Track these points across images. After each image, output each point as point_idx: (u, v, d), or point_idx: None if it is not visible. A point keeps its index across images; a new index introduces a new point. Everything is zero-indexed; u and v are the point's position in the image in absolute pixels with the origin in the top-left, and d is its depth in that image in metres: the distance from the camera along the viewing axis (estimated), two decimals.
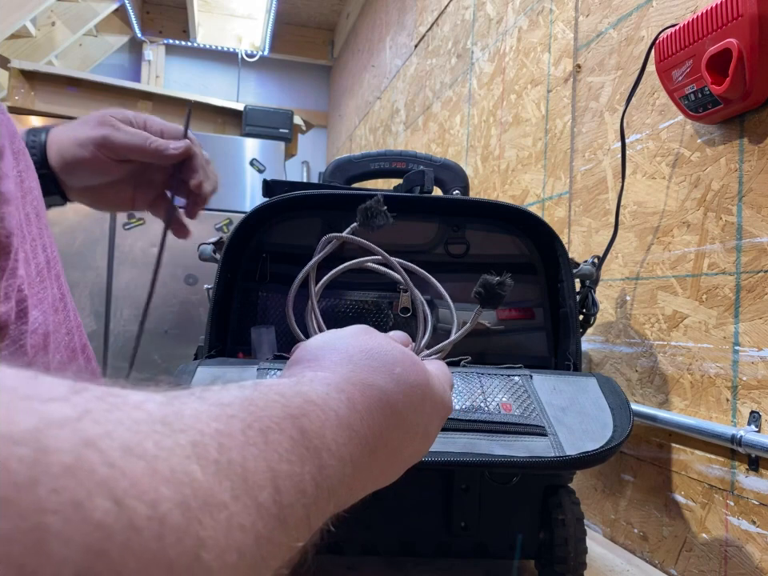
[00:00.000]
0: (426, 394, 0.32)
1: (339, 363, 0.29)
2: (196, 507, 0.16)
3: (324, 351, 0.30)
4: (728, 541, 0.65)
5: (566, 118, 1.01)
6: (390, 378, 0.30)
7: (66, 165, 0.55)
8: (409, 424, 0.30)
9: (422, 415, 0.31)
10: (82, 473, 0.14)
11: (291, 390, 0.24)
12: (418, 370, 0.32)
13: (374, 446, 0.27)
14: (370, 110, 2.56)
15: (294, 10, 3.40)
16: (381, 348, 0.31)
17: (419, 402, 0.31)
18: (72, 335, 0.47)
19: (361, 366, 0.29)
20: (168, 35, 3.48)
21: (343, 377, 0.28)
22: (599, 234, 0.90)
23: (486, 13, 1.37)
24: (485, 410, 0.53)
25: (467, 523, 0.61)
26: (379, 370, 0.30)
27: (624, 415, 0.55)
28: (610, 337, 0.87)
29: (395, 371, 0.30)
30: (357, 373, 0.29)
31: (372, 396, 0.28)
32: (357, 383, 0.28)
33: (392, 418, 0.29)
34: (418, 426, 0.31)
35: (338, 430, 0.25)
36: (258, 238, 0.70)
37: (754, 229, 0.64)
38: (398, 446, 0.30)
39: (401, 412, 0.29)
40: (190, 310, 2.09)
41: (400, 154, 0.88)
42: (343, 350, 0.30)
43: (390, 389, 0.29)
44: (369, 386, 0.28)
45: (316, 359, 0.29)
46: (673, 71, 0.69)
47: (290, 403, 0.23)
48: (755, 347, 0.63)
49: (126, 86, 2.37)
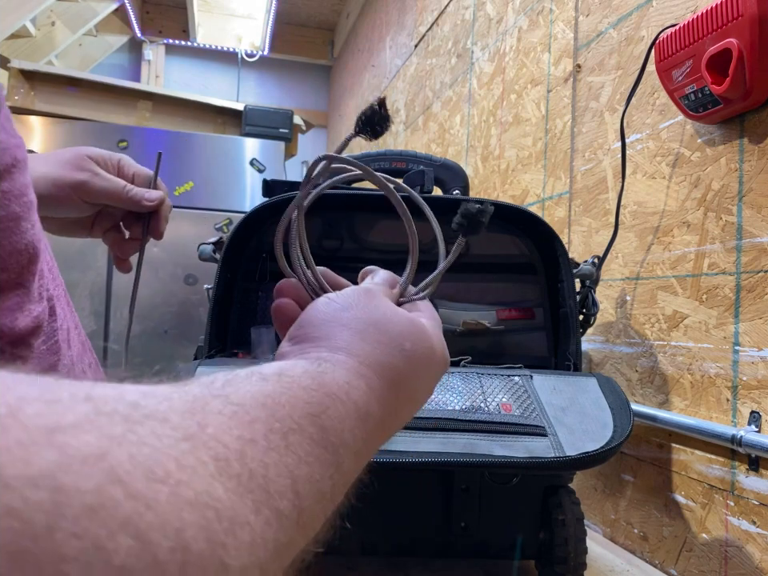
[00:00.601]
0: (431, 361, 0.33)
1: (351, 342, 0.29)
2: (220, 530, 0.16)
3: (332, 327, 0.30)
4: (728, 541, 0.65)
5: (566, 118, 1.00)
6: (401, 356, 0.30)
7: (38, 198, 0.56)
8: (417, 394, 0.32)
9: (427, 380, 0.33)
10: (104, 512, 0.13)
11: (314, 382, 0.24)
12: (424, 339, 0.32)
13: (387, 424, 0.28)
14: None
15: (293, 10, 3.40)
16: (387, 319, 0.31)
17: (425, 370, 0.32)
18: (79, 329, 0.48)
19: (373, 343, 0.29)
20: (168, 35, 3.48)
21: (359, 359, 0.28)
22: (599, 234, 0.90)
23: (486, 13, 1.37)
24: (485, 410, 0.53)
25: (467, 523, 0.61)
26: (390, 346, 0.30)
27: (624, 415, 0.55)
28: (609, 337, 0.86)
29: (406, 347, 0.30)
30: (371, 354, 0.29)
31: (387, 377, 0.28)
32: (372, 364, 0.28)
33: (404, 394, 0.30)
34: (425, 393, 0.33)
35: (357, 422, 0.25)
36: (257, 238, 0.70)
37: (754, 229, 0.64)
38: (407, 416, 0.32)
39: (412, 387, 0.30)
40: (189, 310, 2.09)
41: (400, 153, 0.88)
42: (352, 325, 0.30)
43: (402, 367, 0.30)
44: (384, 366, 0.29)
45: (327, 337, 0.29)
46: (673, 71, 0.69)
47: (312, 399, 0.23)
48: (755, 347, 0.63)
49: (125, 85, 2.37)
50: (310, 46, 3.64)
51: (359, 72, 2.88)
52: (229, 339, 0.68)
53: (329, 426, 0.23)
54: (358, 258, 0.71)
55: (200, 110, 2.45)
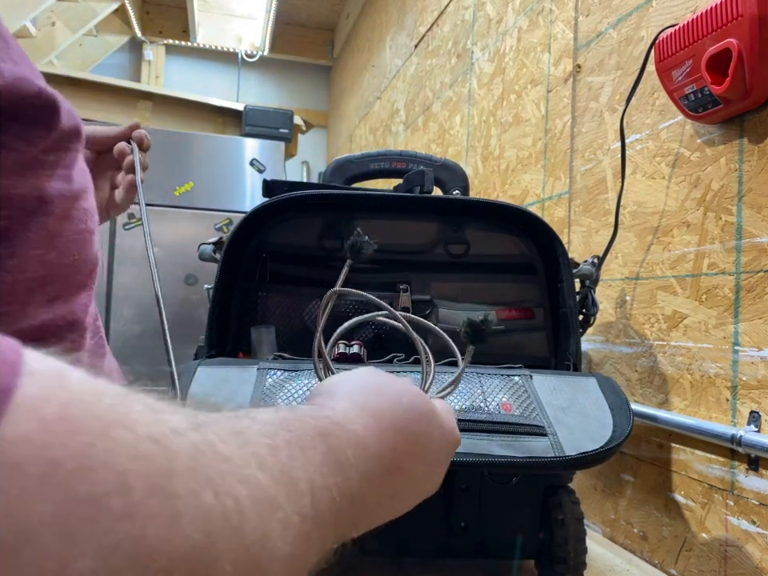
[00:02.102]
0: (432, 422, 0.35)
1: (352, 394, 0.32)
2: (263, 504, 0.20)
3: (338, 386, 0.34)
4: (728, 541, 0.65)
5: (566, 118, 1.01)
6: (398, 407, 0.33)
7: None
8: (419, 448, 0.33)
9: (430, 440, 0.34)
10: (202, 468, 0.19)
11: (319, 413, 0.28)
12: (423, 401, 0.35)
13: (387, 465, 0.30)
14: (370, 110, 2.56)
15: (293, 10, 3.40)
16: (388, 383, 0.35)
17: (427, 427, 0.34)
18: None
19: (372, 396, 0.32)
20: (168, 35, 3.48)
21: (358, 404, 0.31)
22: (599, 234, 0.90)
23: (486, 13, 1.37)
24: (485, 409, 0.53)
25: (467, 523, 0.61)
26: (389, 400, 0.33)
27: (624, 415, 0.55)
28: (609, 337, 0.87)
29: (403, 401, 0.33)
30: (369, 402, 0.32)
31: (384, 420, 0.31)
32: (369, 410, 0.31)
33: (402, 441, 0.31)
34: (429, 452, 0.34)
35: (357, 448, 0.28)
36: (258, 238, 0.70)
37: (754, 229, 0.64)
38: (410, 468, 0.32)
39: (410, 436, 0.32)
40: (189, 310, 2.09)
41: (400, 154, 0.88)
42: (356, 384, 0.34)
43: (399, 415, 0.32)
44: (380, 411, 0.31)
45: (331, 393, 0.33)
46: (673, 71, 0.69)
47: (320, 424, 0.27)
48: (755, 347, 0.63)
49: (125, 86, 2.37)
50: (309, 46, 3.64)
51: (359, 72, 2.88)
52: (229, 339, 0.69)
53: (335, 446, 0.26)
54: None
55: (200, 110, 2.45)
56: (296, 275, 0.70)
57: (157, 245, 2.06)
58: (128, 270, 2.05)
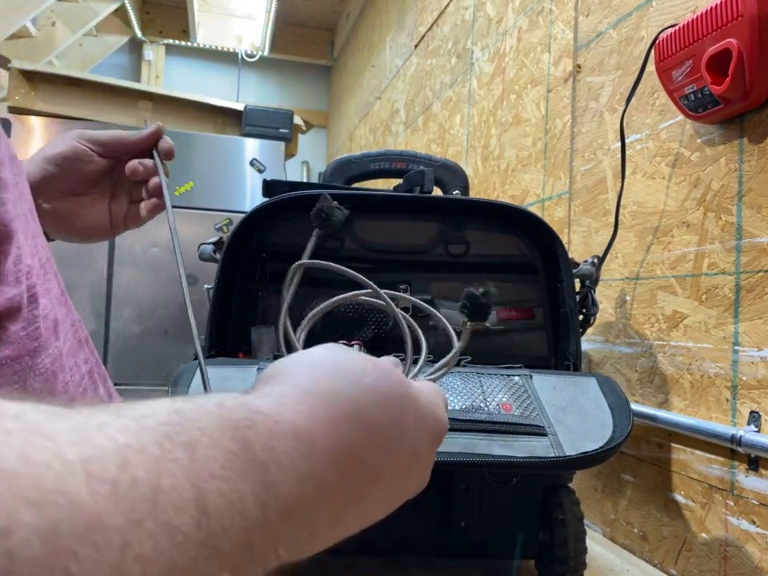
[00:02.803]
0: (405, 406, 0.29)
1: (300, 376, 0.26)
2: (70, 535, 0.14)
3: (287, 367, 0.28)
4: (728, 541, 0.65)
5: (566, 118, 1.01)
6: (358, 388, 0.27)
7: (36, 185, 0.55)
8: (387, 439, 0.27)
9: (404, 430, 0.28)
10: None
11: (235, 401, 0.22)
12: (393, 381, 0.29)
13: (342, 462, 0.24)
14: (370, 110, 2.56)
15: (293, 10, 3.40)
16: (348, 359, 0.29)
17: (398, 413, 0.28)
18: (76, 327, 0.48)
19: (324, 376, 0.27)
20: (168, 35, 3.48)
21: (302, 388, 0.25)
22: (599, 234, 0.90)
23: (486, 13, 1.37)
24: (485, 409, 0.53)
25: (467, 523, 0.61)
26: (345, 379, 0.27)
27: (624, 415, 0.55)
28: (609, 337, 0.87)
29: (365, 380, 0.27)
30: (319, 383, 0.26)
31: (337, 405, 0.25)
32: (319, 393, 0.25)
33: (364, 430, 0.26)
34: (402, 443, 0.28)
35: (294, 442, 0.22)
36: (258, 238, 0.70)
37: (754, 229, 0.64)
38: (376, 463, 0.26)
39: (375, 424, 0.26)
40: None
41: (400, 154, 0.88)
42: (306, 363, 0.28)
43: (358, 398, 0.26)
44: (334, 395, 0.26)
45: (275, 375, 0.27)
46: (673, 71, 0.69)
47: (232, 414, 0.21)
48: (755, 347, 0.63)
49: (125, 85, 2.37)
50: (310, 46, 3.64)
51: (359, 72, 2.88)
52: (229, 339, 0.68)
53: (254, 441, 0.21)
54: (359, 257, 0.71)
55: (200, 110, 2.45)
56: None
57: (157, 245, 2.06)
58: (128, 270, 2.05)
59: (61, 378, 0.41)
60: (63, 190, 0.57)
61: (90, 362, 0.48)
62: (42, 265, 0.43)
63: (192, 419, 0.20)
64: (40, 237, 0.45)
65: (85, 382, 0.45)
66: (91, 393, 0.45)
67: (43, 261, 0.44)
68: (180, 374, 0.55)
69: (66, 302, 0.47)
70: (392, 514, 0.36)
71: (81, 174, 0.56)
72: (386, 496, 0.28)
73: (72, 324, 0.47)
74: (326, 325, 0.68)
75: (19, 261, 0.38)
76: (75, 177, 0.56)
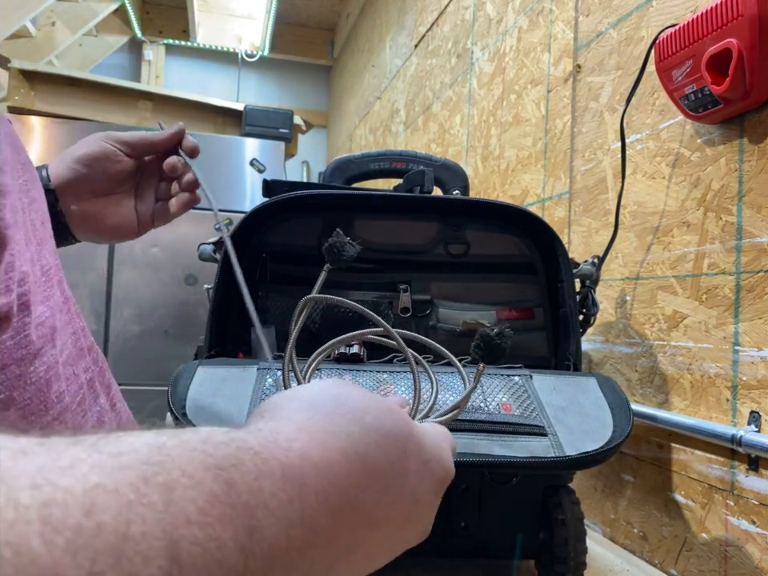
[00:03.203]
0: (408, 449, 0.27)
1: (297, 411, 0.25)
2: None
3: (285, 400, 0.27)
4: (728, 541, 0.65)
5: (566, 118, 1.01)
6: (358, 426, 0.25)
7: (65, 185, 0.57)
8: (387, 482, 0.26)
9: (405, 473, 0.27)
10: None
11: (224, 437, 0.21)
12: (396, 420, 0.27)
13: (337, 506, 0.23)
14: (370, 110, 2.56)
15: (293, 10, 3.40)
16: (351, 395, 0.27)
17: (399, 456, 0.27)
18: (78, 336, 0.47)
19: (322, 412, 0.25)
20: (168, 35, 3.48)
21: (297, 424, 0.24)
22: (599, 234, 0.90)
23: (486, 13, 1.37)
24: (485, 409, 0.53)
25: (467, 523, 0.61)
26: (345, 416, 0.25)
27: (624, 415, 0.55)
28: (609, 337, 0.87)
29: (366, 420, 0.26)
30: (316, 420, 0.25)
31: (334, 445, 0.24)
32: (315, 431, 0.24)
33: (361, 472, 0.24)
34: (402, 488, 0.27)
35: (283, 483, 0.21)
36: (258, 238, 0.70)
37: (754, 229, 0.64)
38: (374, 508, 0.25)
39: (373, 466, 0.25)
40: (190, 310, 2.09)
41: (400, 154, 0.88)
42: (306, 397, 0.27)
43: (357, 437, 0.25)
44: (331, 433, 0.24)
45: (273, 409, 0.26)
46: (673, 71, 0.69)
47: (218, 451, 0.20)
48: (755, 347, 0.63)
49: (125, 85, 2.37)
50: (310, 46, 3.64)
51: (359, 72, 2.88)
52: (229, 339, 0.68)
53: (239, 481, 0.19)
54: (359, 257, 0.71)
55: (200, 110, 2.45)
56: (296, 275, 0.70)
57: (156, 245, 2.06)
58: (128, 270, 2.05)
59: (55, 387, 0.39)
60: (91, 191, 0.58)
61: (92, 371, 0.47)
62: (45, 272, 0.43)
63: (174, 456, 0.18)
64: (47, 243, 0.45)
65: (83, 391, 0.43)
66: (90, 402, 0.44)
67: (46, 268, 0.43)
68: (180, 374, 0.55)
69: (69, 310, 0.46)
70: None
71: (109, 173, 0.58)
72: (384, 544, 0.27)
73: (74, 332, 0.46)
74: (326, 325, 0.68)
75: (11, 268, 0.38)
76: (104, 176, 0.58)
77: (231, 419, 0.50)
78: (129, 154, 0.59)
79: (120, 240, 0.63)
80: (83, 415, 0.42)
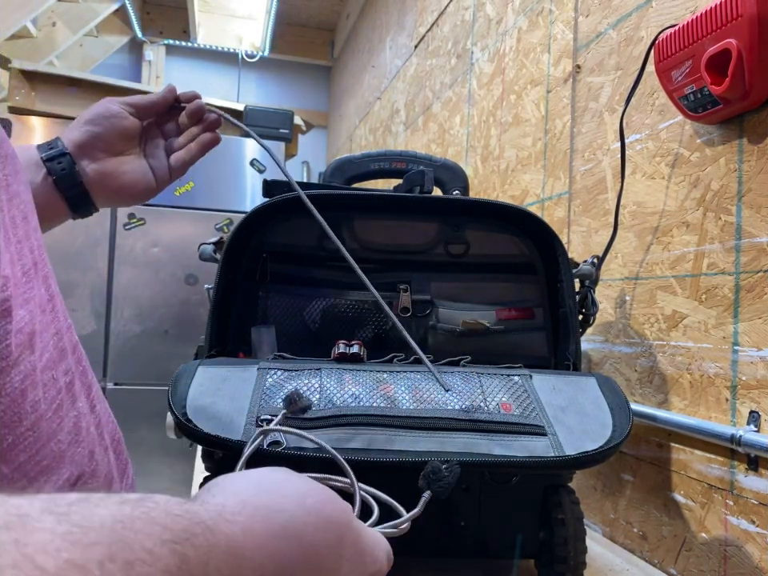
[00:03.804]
0: (345, 535, 0.28)
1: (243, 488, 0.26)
2: None
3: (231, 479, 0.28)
4: (727, 540, 0.65)
5: (566, 119, 1.01)
6: (299, 507, 0.26)
7: (81, 146, 0.60)
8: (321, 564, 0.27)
9: (339, 560, 0.28)
10: None
11: (182, 509, 0.22)
12: (337, 507, 0.29)
13: None
14: (370, 110, 2.57)
15: (294, 11, 3.40)
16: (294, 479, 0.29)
17: (336, 541, 0.28)
18: (61, 335, 0.45)
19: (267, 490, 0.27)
20: (168, 35, 3.48)
21: (242, 499, 0.25)
22: (599, 234, 0.90)
23: (486, 13, 1.38)
24: (485, 409, 0.54)
25: (467, 523, 0.61)
26: (289, 497, 0.27)
27: (623, 415, 0.55)
28: (609, 337, 0.87)
29: (307, 502, 0.27)
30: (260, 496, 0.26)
31: (274, 521, 0.25)
32: (259, 507, 0.25)
33: (298, 549, 0.25)
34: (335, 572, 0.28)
35: (226, 558, 0.22)
36: (258, 238, 0.70)
37: (754, 229, 0.64)
38: None
39: (310, 546, 0.26)
40: (190, 309, 2.09)
41: (400, 154, 0.88)
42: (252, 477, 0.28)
43: (298, 516, 0.26)
44: (272, 510, 0.26)
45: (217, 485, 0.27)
46: (672, 71, 0.69)
47: (175, 525, 0.21)
48: (754, 347, 0.63)
49: (126, 86, 2.37)
50: (310, 46, 3.64)
51: (359, 72, 2.88)
52: (229, 339, 0.69)
53: (191, 556, 0.21)
54: (359, 258, 0.71)
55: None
56: (296, 275, 0.70)
57: (157, 245, 2.06)
58: (128, 270, 2.05)
59: (31, 396, 0.38)
60: (104, 149, 0.62)
61: (72, 374, 0.44)
62: (26, 272, 0.41)
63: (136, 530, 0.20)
64: (28, 240, 0.43)
65: (61, 396, 0.42)
66: (67, 408, 0.42)
67: (27, 267, 0.41)
68: (180, 374, 0.55)
69: (52, 309, 0.44)
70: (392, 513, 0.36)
71: (118, 129, 0.62)
72: None
73: (56, 332, 0.44)
74: (326, 325, 0.68)
75: None
76: (114, 133, 0.62)
77: (231, 419, 0.50)
78: (133, 114, 0.63)
79: (141, 199, 0.66)
80: (59, 422, 0.40)
